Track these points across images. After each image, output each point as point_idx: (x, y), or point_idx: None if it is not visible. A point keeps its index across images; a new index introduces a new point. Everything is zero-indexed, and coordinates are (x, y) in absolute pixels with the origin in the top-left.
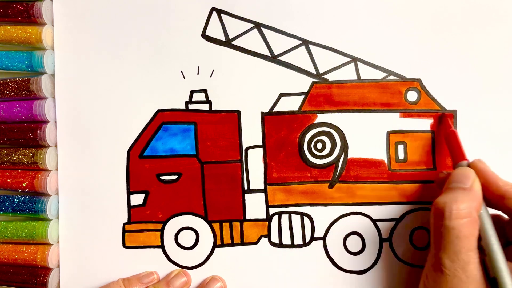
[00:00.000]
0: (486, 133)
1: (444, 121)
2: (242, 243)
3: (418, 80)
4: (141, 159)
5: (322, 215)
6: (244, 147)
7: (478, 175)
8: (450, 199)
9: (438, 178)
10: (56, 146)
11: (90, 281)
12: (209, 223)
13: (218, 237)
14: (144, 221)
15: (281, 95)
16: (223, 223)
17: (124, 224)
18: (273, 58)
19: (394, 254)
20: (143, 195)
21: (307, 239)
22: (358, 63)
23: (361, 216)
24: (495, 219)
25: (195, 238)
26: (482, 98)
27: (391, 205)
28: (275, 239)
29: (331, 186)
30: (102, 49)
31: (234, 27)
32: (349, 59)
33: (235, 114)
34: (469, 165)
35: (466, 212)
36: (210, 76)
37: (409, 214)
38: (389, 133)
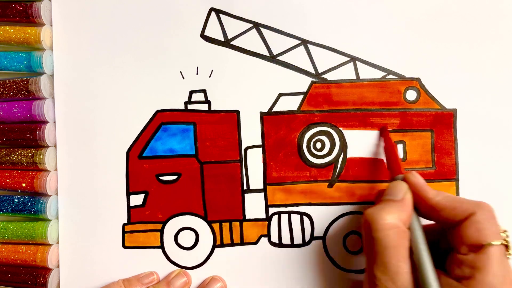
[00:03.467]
0: (486, 132)
1: (384, 134)
2: (242, 243)
3: (417, 79)
4: (141, 160)
5: (321, 215)
6: (243, 147)
7: (410, 188)
8: (377, 210)
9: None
10: (55, 146)
11: (90, 282)
12: (209, 223)
13: (218, 237)
14: (143, 222)
15: (280, 95)
16: (223, 223)
17: (124, 225)
18: (272, 58)
19: None
20: (142, 195)
21: (307, 238)
22: (357, 62)
23: (361, 216)
24: (435, 229)
25: (195, 238)
26: (482, 96)
27: None
28: (274, 238)
29: (330, 186)
30: (101, 49)
31: (233, 27)
32: (348, 59)
33: (234, 114)
34: (404, 179)
35: (392, 223)
36: (209, 76)
37: None
38: (388, 132)
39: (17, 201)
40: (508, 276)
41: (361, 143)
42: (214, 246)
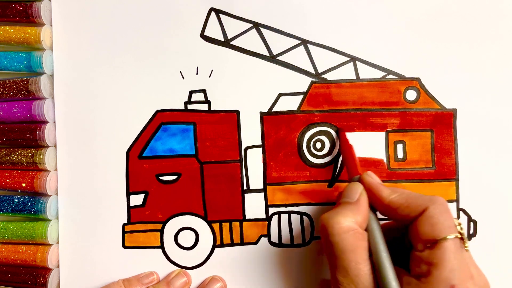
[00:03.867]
0: (486, 132)
1: (341, 135)
2: (242, 243)
3: (417, 79)
4: (141, 160)
5: (321, 215)
6: (243, 147)
7: (366, 188)
8: (332, 214)
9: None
10: (55, 146)
11: (90, 282)
12: (209, 223)
13: (218, 237)
14: (143, 222)
15: (280, 95)
16: (223, 223)
17: (124, 225)
18: (272, 58)
19: None
20: (142, 195)
21: (307, 238)
22: (357, 62)
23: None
24: (398, 226)
25: (194, 238)
26: (482, 96)
27: None
28: (274, 238)
29: (330, 186)
30: (101, 49)
31: (232, 27)
32: (348, 59)
33: (234, 114)
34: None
35: (347, 226)
36: (209, 76)
37: None
38: (388, 132)
39: (17, 201)
40: (467, 269)
41: (361, 143)
42: (214, 246)
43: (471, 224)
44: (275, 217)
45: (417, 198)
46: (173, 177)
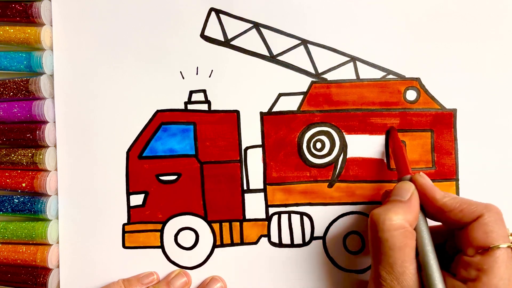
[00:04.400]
0: (486, 132)
1: (392, 134)
2: (242, 243)
3: (417, 79)
4: (141, 160)
5: (321, 215)
6: (243, 147)
7: (417, 189)
8: (384, 210)
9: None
10: (55, 146)
11: (90, 282)
12: (209, 223)
13: (218, 237)
14: (143, 222)
15: (280, 95)
16: (223, 223)
17: (124, 225)
18: (272, 58)
19: None
20: (142, 195)
21: (307, 238)
22: (357, 62)
23: (361, 216)
24: (441, 230)
25: (194, 238)
26: (482, 96)
27: None
28: (274, 238)
29: (330, 186)
30: (101, 49)
31: (232, 27)
32: (348, 59)
33: (234, 114)
34: (411, 179)
35: (399, 224)
36: (209, 76)
37: None
38: (388, 132)
39: (17, 201)
40: None
41: (361, 143)
42: (214, 246)
43: None
44: (275, 217)
45: (471, 204)
46: (173, 177)
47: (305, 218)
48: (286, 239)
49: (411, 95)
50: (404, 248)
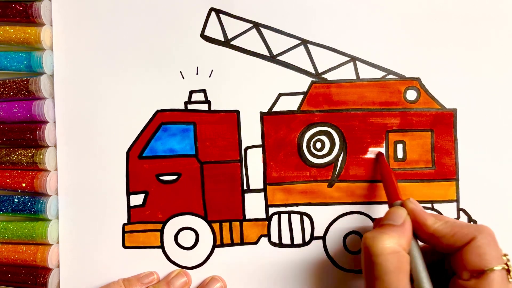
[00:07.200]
0: (486, 132)
1: (380, 159)
2: (242, 243)
3: (417, 79)
4: (141, 160)
5: (321, 215)
6: (243, 147)
7: (409, 214)
8: (377, 234)
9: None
10: (55, 146)
11: (90, 281)
12: (209, 223)
13: (218, 237)
14: (143, 222)
15: (280, 94)
16: (223, 223)
17: (124, 225)
18: (272, 58)
19: None
20: (142, 195)
21: (307, 238)
22: (357, 62)
23: (361, 215)
24: (436, 252)
25: (195, 238)
26: (482, 97)
27: None
28: (274, 238)
29: (330, 186)
30: (101, 49)
31: (233, 27)
32: (348, 59)
33: (234, 114)
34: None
35: (392, 248)
36: (209, 76)
37: None
38: (388, 132)
39: (17, 201)
40: None
41: (361, 143)
42: (214, 246)
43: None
44: (275, 217)
45: (463, 227)
46: (173, 177)
47: (305, 218)
48: (286, 239)
49: (411, 95)
50: (398, 273)
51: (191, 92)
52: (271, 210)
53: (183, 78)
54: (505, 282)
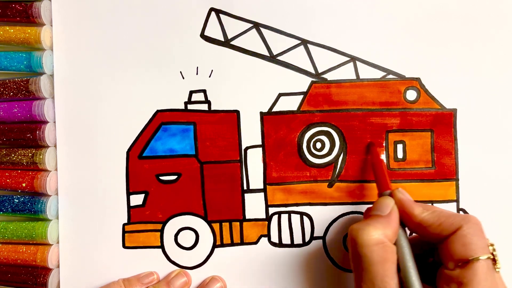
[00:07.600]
0: (486, 132)
1: (372, 149)
2: (242, 243)
3: (417, 79)
4: (141, 160)
5: (321, 215)
6: (243, 147)
7: (396, 204)
8: (363, 225)
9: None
10: (55, 146)
11: (90, 282)
12: (209, 223)
13: (218, 237)
14: (143, 222)
15: (280, 95)
16: (223, 223)
17: (124, 225)
18: (272, 58)
19: None
20: (142, 195)
21: (307, 238)
22: (357, 62)
23: (361, 215)
24: (425, 243)
25: (195, 238)
26: (482, 96)
27: None
28: (274, 238)
29: (330, 186)
30: (101, 49)
31: (232, 27)
32: (348, 59)
33: (234, 114)
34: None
35: (377, 239)
36: (209, 76)
37: None
38: (388, 132)
39: (17, 201)
40: None
41: (361, 143)
42: (214, 246)
43: None
44: (275, 217)
45: (450, 217)
46: (173, 177)
47: (305, 218)
48: (286, 239)
49: (411, 95)
50: (383, 263)
51: (191, 92)
52: (271, 210)
53: (183, 78)
54: (490, 272)
